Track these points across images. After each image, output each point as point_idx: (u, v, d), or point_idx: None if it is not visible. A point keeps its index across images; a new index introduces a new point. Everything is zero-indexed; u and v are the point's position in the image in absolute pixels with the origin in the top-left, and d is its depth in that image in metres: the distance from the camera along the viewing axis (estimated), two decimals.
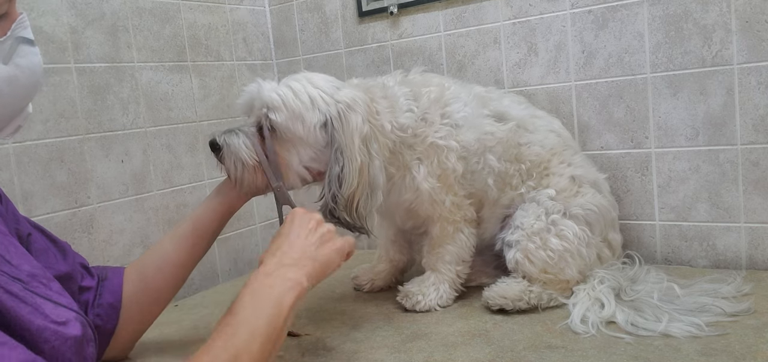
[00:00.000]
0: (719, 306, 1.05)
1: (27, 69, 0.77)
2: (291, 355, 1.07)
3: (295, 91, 1.08)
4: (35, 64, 0.78)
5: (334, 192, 1.07)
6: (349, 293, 1.39)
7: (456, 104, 1.20)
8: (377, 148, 1.10)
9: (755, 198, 1.26)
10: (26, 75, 0.77)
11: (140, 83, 1.48)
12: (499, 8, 1.46)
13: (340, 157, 1.07)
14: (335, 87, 1.11)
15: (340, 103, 1.09)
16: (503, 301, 1.14)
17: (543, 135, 1.26)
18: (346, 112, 1.08)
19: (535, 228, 1.17)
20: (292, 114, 1.07)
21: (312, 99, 1.08)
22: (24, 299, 0.72)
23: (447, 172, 1.17)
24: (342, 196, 1.06)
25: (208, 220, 1.10)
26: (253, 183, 1.08)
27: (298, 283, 0.83)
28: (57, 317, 0.75)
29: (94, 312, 0.99)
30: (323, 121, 1.08)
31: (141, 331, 1.09)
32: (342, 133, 1.07)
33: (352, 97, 1.10)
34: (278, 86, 1.09)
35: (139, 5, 1.48)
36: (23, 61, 0.76)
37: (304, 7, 1.76)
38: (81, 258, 1.03)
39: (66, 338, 0.73)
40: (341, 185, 1.07)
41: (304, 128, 1.08)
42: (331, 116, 1.07)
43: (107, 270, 1.05)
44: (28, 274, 0.77)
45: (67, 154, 1.33)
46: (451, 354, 1.00)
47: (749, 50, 1.22)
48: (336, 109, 1.08)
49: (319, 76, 1.13)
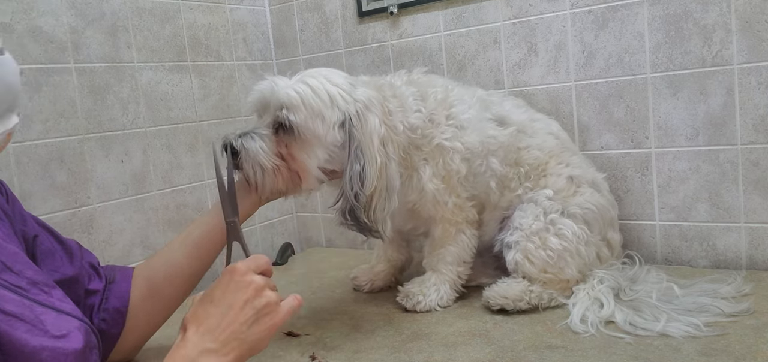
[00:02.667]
0: (718, 307, 1.05)
1: None
2: (291, 355, 1.07)
3: (314, 89, 1.04)
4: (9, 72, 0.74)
5: (357, 192, 1.03)
6: (349, 293, 1.39)
7: (460, 106, 1.20)
8: (393, 150, 1.08)
9: (755, 198, 1.26)
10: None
11: (140, 83, 1.48)
12: (499, 8, 1.46)
13: (361, 156, 1.03)
14: (351, 85, 1.08)
15: (359, 102, 1.06)
16: (504, 301, 1.14)
17: (541, 138, 1.26)
18: (365, 112, 1.05)
19: (534, 228, 1.17)
20: (311, 112, 1.03)
21: (331, 97, 1.05)
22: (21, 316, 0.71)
23: (451, 173, 1.17)
24: (364, 195, 1.03)
25: (222, 229, 1.02)
26: (274, 187, 1.05)
27: None
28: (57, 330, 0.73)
29: (99, 317, 0.98)
30: (342, 120, 1.05)
31: (147, 336, 1.07)
32: (362, 133, 1.04)
33: (368, 97, 1.07)
34: (294, 83, 1.05)
35: (139, 5, 1.48)
36: None
37: (304, 7, 1.76)
38: (91, 256, 1.01)
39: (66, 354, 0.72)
40: (363, 184, 1.03)
41: (324, 127, 1.04)
42: (350, 115, 1.04)
43: (116, 271, 1.03)
44: (29, 282, 0.76)
45: (67, 154, 1.33)
46: (452, 354, 1.00)
47: (749, 50, 1.22)
48: (355, 108, 1.05)
49: (335, 72, 1.09)
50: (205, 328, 0.77)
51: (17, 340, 0.69)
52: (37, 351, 0.69)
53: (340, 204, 1.06)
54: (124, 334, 1.01)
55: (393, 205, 1.07)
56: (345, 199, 1.05)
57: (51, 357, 0.70)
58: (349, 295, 1.38)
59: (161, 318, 1.07)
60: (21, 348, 0.68)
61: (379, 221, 1.06)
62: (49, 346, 0.71)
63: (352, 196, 1.03)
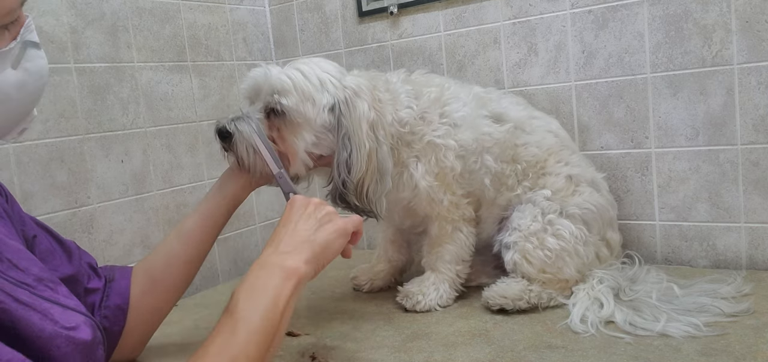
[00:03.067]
0: (718, 307, 1.05)
1: (35, 73, 0.77)
2: (291, 355, 1.07)
3: (305, 73, 1.08)
4: (42, 68, 0.78)
5: (344, 178, 1.07)
6: (349, 293, 1.39)
7: (455, 104, 1.20)
8: (383, 134, 1.11)
9: (755, 198, 1.26)
10: (34, 79, 0.77)
11: (140, 83, 1.48)
12: (499, 8, 1.46)
13: (348, 144, 1.07)
14: (341, 72, 1.12)
15: (348, 88, 1.09)
16: (503, 301, 1.14)
17: (540, 136, 1.26)
18: (353, 98, 1.09)
19: (532, 229, 1.17)
20: (302, 96, 1.07)
21: (321, 81, 1.08)
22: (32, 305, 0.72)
23: (445, 170, 1.17)
24: (351, 181, 1.07)
25: (214, 214, 1.08)
26: (264, 169, 1.07)
27: (295, 271, 0.80)
28: (66, 322, 0.74)
29: (101, 314, 0.98)
30: (331, 104, 1.08)
31: (151, 331, 1.08)
32: (350, 119, 1.07)
33: (358, 83, 1.11)
34: (286, 69, 1.09)
35: (139, 5, 1.48)
36: (31, 66, 0.76)
37: (304, 7, 1.76)
38: (89, 257, 1.01)
39: (77, 343, 0.73)
40: (350, 171, 1.07)
41: (313, 110, 1.07)
42: (339, 100, 1.08)
43: (114, 270, 1.04)
44: (35, 278, 0.77)
45: (67, 154, 1.33)
46: (451, 354, 1.00)
47: (749, 50, 1.22)
48: (344, 94, 1.08)
49: (326, 62, 1.13)
50: (275, 242, 0.85)
51: (34, 325, 0.69)
52: (52, 337, 0.70)
53: (330, 188, 1.11)
54: (126, 332, 1.01)
55: (386, 187, 1.12)
56: (334, 185, 1.09)
57: (65, 344, 0.71)
58: (349, 295, 1.38)
59: (163, 310, 1.07)
60: (38, 334, 0.69)
61: (372, 202, 1.10)
62: (63, 334, 0.72)
63: (340, 183, 1.08)
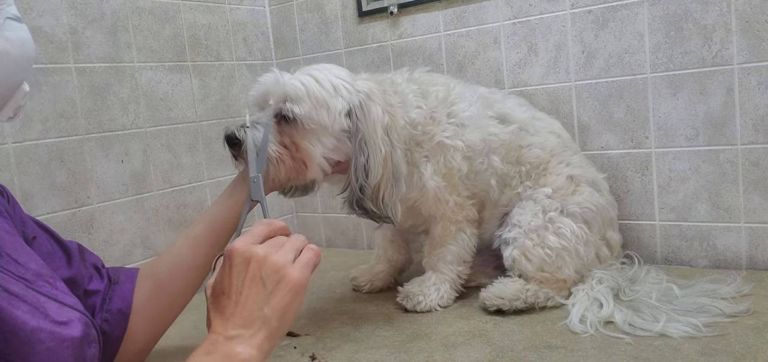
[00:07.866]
0: (718, 307, 1.05)
1: (17, 42, 0.74)
2: (291, 355, 1.07)
3: (318, 80, 1.07)
4: (24, 39, 0.75)
5: (362, 183, 1.06)
6: (349, 293, 1.39)
7: (462, 104, 1.20)
8: (397, 137, 1.10)
9: (755, 198, 1.26)
10: (16, 48, 0.74)
11: (140, 83, 1.48)
12: (499, 8, 1.46)
13: (365, 148, 1.06)
14: (352, 77, 1.11)
15: (361, 92, 1.08)
16: (500, 302, 1.14)
17: (543, 137, 1.26)
18: (367, 102, 1.07)
19: (533, 225, 1.17)
20: (316, 103, 1.05)
21: (335, 87, 1.07)
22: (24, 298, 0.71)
23: (452, 171, 1.17)
24: (369, 186, 1.06)
25: (224, 220, 1.05)
26: (277, 176, 1.06)
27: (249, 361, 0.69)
28: (59, 317, 0.73)
29: (101, 317, 0.96)
30: (347, 110, 1.07)
31: (155, 337, 1.05)
32: (365, 123, 1.06)
33: (370, 87, 1.10)
34: (298, 75, 1.07)
35: (139, 5, 1.48)
36: (12, 35, 0.73)
37: (304, 7, 1.76)
38: (94, 258, 1.00)
39: (64, 339, 0.72)
40: (368, 175, 1.06)
41: (329, 116, 1.05)
42: (354, 105, 1.07)
43: (120, 272, 1.02)
44: (34, 273, 0.76)
45: (67, 154, 1.33)
46: (452, 354, 1.00)
47: (749, 50, 1.22)
48: (357, 98, 1.07)
49: (336, 67, 1.12)
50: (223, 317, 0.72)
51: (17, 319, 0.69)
52: (35, 332, 0.69)
53: (347, 195, 1.09)
54: (128, 336, 0.99)
55: (401, 191, 1.10)
56: (351, 191, 1.08)
57: (49, 339, 0.70)
58: (349, 295, 1.38)
59: (169, 315, 1.05)
60: (20, 327, 0.68)
61: (388, 207, 1.09)
62: (47, 329, 0.71)
63: (358, 188, 1.06)
